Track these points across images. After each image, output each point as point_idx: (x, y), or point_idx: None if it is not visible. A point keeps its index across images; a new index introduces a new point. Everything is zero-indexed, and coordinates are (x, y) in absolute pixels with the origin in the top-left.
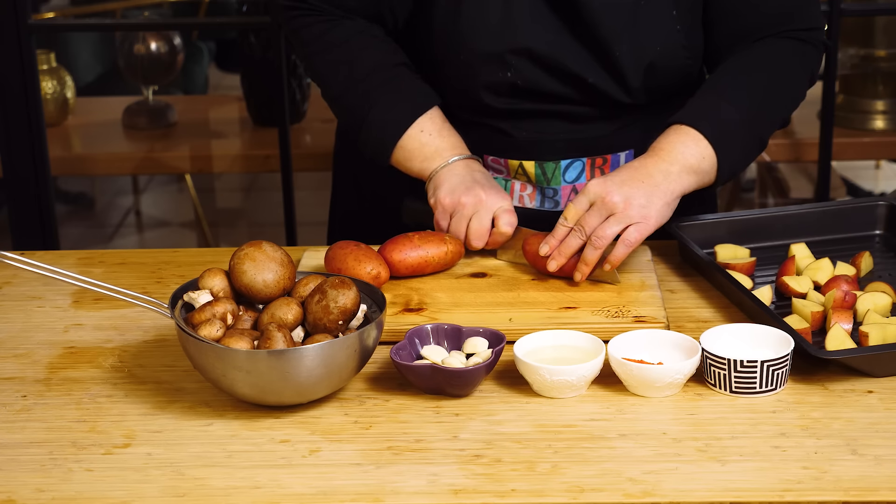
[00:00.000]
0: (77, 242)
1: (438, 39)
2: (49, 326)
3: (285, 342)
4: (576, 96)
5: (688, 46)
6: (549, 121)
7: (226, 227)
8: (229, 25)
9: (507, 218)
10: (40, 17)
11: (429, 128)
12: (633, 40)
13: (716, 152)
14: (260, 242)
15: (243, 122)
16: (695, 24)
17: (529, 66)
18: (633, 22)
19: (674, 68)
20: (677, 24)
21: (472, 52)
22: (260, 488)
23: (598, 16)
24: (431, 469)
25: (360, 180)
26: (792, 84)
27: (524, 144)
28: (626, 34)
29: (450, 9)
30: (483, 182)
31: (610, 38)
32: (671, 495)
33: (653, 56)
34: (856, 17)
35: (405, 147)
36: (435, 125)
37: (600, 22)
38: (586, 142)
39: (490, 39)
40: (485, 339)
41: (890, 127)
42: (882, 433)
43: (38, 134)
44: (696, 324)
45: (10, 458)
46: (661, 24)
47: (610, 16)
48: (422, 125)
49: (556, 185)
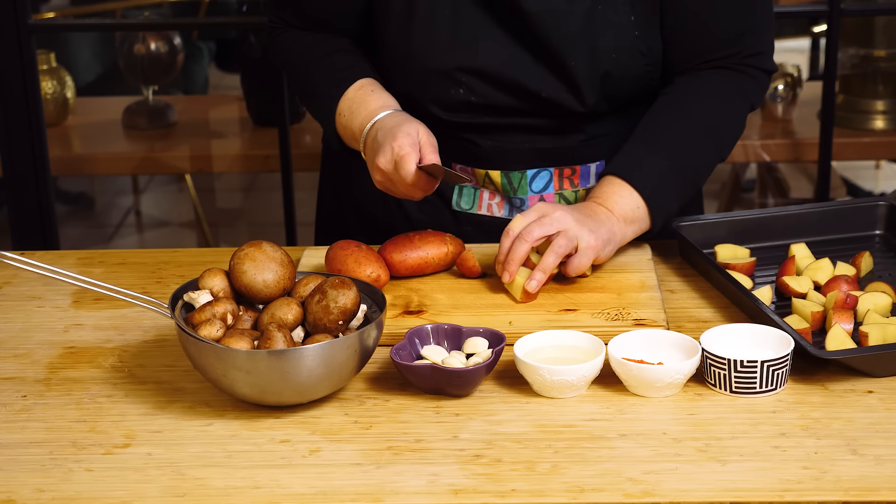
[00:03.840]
0: (77, 242)
1: (391, 58)
2: (49, 326)
3: (285, 342)
4: (532, 109)
5: (647, 53)
6: (511, 133)
7: (226, 227)
8: (229, 25)
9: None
10: (40, 17)
11: (343, 109)
12: (586, 49)
13: (647, 204)
14: (260, 242)
15: (243, 122)
16: (654, 29)
17: (481, 84)
18: (587, 30)
19: (632, 76)
20: (636, 29)
21: (423, 70)
22: (260, 488)
23: (547, 27)
24: (431, 469)
25: (340, 189)
26: (729, 125)
27: (489, 154)
28: (578, 43)
29: (401, 28)
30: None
31: (562, 48)
32: (671, 495)
33: (608, 65)
34: (856, 17)
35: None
36: (347, 102)
37: (551, 33)
38: (552, 152)
39: (439, 57)
40: (485, 339)
41: (890, 127)
42: (882, 433)
43: (38, 134)
44: (696, 324)
45: (10, 458)
46: (618, 31)
47: (560, 26)
48: (340, 109)
49: (524, 195)
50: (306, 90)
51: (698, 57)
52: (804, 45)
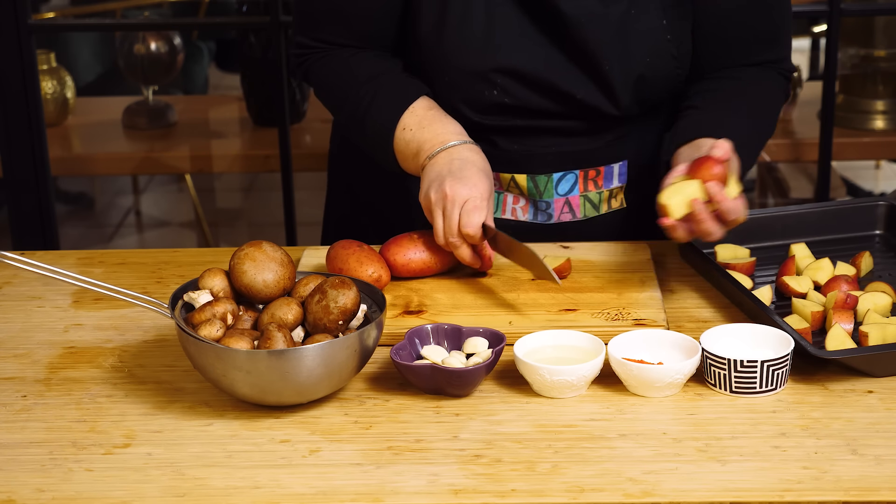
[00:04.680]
0: (77, 242)
1: (424, 59)
2: (49, 326)
3: (285, 342)
4: (565, 112)
5: (677, 56)
6: (540, 136)
7: (226, 227)
8: (229, 25)
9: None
10: (40, 17)
11: (410, 123)
12: (622, 54)
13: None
14: (260, 242)
15: (243, 122)
16: (684, 32)
17: (515, 85)
18: (622, 35)
19: (663, 78)
20: (668, 33)
21: (457, 71)
22: (260, 488)
23: (585, 31)
24: (431, 469)
25: (355, 187)
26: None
27: (515, 158)
28: (614, 48)
29: (434, 29)
30: (456, 172)
31: (598, 53)
32: (671, 495)
33: (642, 68)
34: (856, 17)
35: (399, 151)
36: (415, 118)
37: (587, 36)
38: (578, 154)
39: (474, 58)
40: (485, 339)
41: (890, 127)
42: (882, 433)
43: (38, 134)
44: (696, 324)
45: (10, 458)
46: (651, 35)
47: (598, 30)
48: (404, 123)
49: (549, 198)
50: (358, 108)
51: (732, 61)
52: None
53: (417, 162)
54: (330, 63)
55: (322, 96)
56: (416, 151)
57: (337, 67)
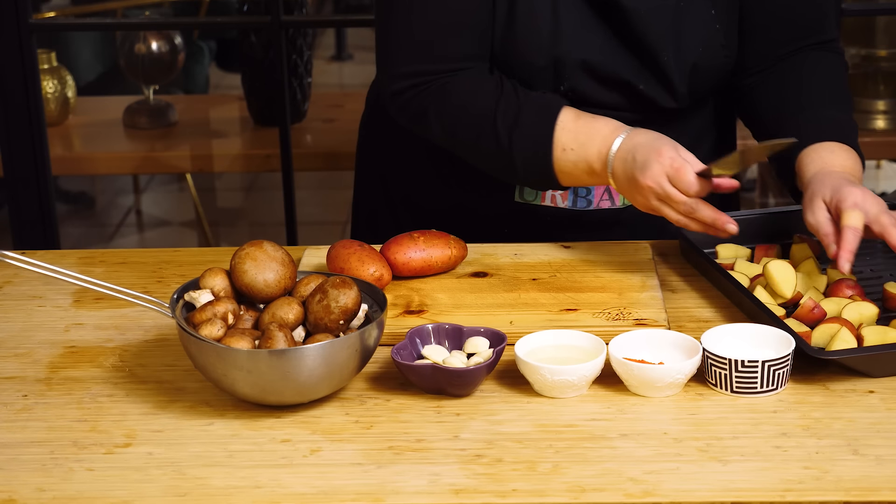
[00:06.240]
0: (78, 242)
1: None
2: (50, 326)
3: (286, 342)
4: (624, 104)
5: (726, 45)
6: None
7: (226, 226)
8: (230, 25)
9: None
10: (41, 16)
11: (568, 141)
12: (677, 44)
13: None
14: (261, 242)
15: (244, 121)
16: (731, 21)
17: (582, 77)
18: (676, 25)
19: (715, 68)
20: (716, 23)
21: (526, 65)
22: (261, 488)
23: (644, 22)
24: (432, 469)
25: (388, 178)
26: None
27: None
28: (670, 38)
29: (503, 24)
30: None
31: (657, 43)
32: (672, 495)
33: (695, 58)
34: (856, 17)
35: (565, 173)
36: (567, 135)
37: (647, 28)
38: None
39: (543, 52)
40: (486, 338)
41: (891, 127)
42: (883, 433)
43: (38, 133)
44: (696, 324)
45: (11, 458)
46: (702, 25)
47: (655, 21)
48: (563, 142)
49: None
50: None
51: (784, 48)
52: None
53: (602, 180)
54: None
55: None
56: (586, 172)
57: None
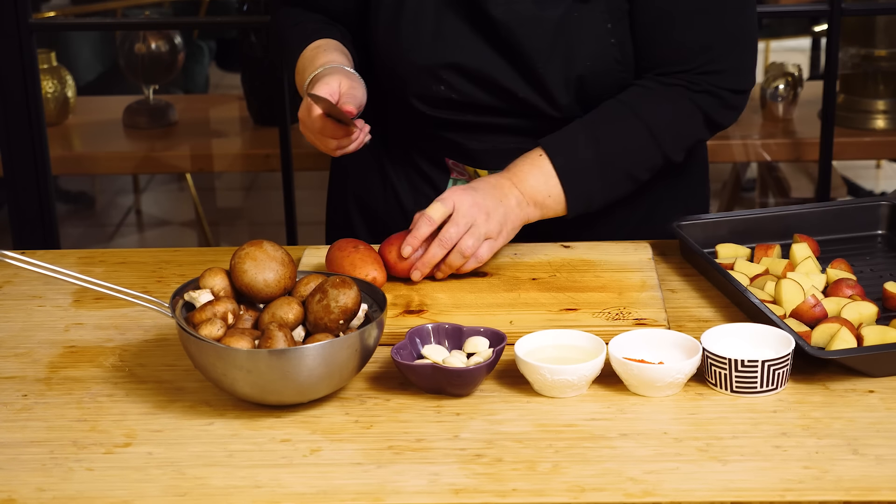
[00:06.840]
0: (78, 242)
1: (379, 53)
2: (50, 326)
3: (286, 342)
4: (515, 110)
5: (622, 60)
6: (495, 133)
7: (226, 226)
8: (230, 25)
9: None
10: (41, 16)
11: (299, 66)
12: (560, 56)
13: (564, 187)
14: (261, 242)
15: (244, 121)
16: (628, 35)
17: (461, 81)
18: (561, 38)
19: (607, 82)
20: (612, 37)
21: (408, 65)
22: (260, 488)
23: (518, 35)
24: (432, 469)
25: (350, 183)
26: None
27: (476, 154)
28: (551, 51)
29: (389, 24)
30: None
31: (533, 55)
32: (672, 495)
33: (582, 70)
34: (856, 17)
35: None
36: (302, 62)
37: (521, 40)
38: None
39: (423, 53)
40: (485, 338)
41: (891, 126)
42: (883, 433)
43: (38, 133)
44: (696, 323)
45: (11, 458)
46: (594, 39)
47: (531, 34)
48: (297, 67)
49: None
50: (286, 61)
51: (656, 66)
52: (805, 44)
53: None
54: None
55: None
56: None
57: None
